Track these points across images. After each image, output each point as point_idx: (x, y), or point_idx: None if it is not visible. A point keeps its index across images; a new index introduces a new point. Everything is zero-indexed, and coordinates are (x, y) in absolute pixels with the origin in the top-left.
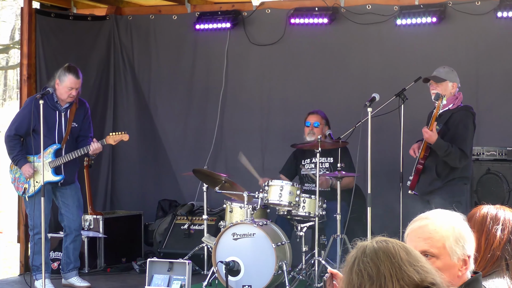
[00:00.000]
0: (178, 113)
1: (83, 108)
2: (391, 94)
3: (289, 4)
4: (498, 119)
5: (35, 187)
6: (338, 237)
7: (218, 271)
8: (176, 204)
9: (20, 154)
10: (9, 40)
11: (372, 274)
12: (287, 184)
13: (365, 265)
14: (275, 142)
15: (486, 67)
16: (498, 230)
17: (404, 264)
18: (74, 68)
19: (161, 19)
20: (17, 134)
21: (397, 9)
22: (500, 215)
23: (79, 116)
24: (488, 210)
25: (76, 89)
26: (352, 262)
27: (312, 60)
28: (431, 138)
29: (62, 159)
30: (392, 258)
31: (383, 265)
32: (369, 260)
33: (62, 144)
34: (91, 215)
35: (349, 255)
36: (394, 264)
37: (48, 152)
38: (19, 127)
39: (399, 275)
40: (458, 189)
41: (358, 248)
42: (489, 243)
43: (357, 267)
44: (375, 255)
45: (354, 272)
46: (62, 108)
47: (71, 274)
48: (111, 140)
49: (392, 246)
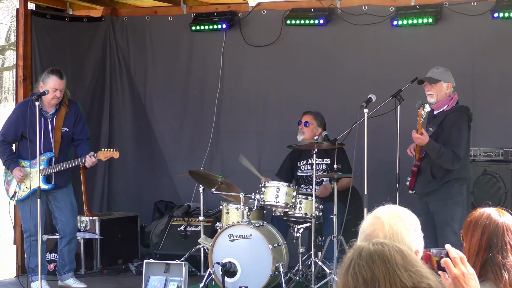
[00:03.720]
0: (174, 114)
1: (73, 110)
2: (388, 95)
3: (285, 5)
4: (494, 119)
5: (24, 192)
6: (334, 238)
7: (214, 272)
8: (172, 206)
9: (10, 158)
10: (5, 41)
11: (367, 278)
12: (284, 185)
13: (360, 269)
14: (271, 143)
15: (482, 68)
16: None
17: (398, 268)
18: (58, 70)
19: (157, 20)
20: (4, 140)
21: (393, 10)
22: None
23: (69, 120)
24: (481, 214)
25: (60, 90)
26: (348, 264)
27: (308, 61)
28: (423, 142)
29: (54, 168)
30: (387, 263)
31: (378, 269)
32: (364, 263)
33: (55, 153)
34: (87, 217)
35: (346, 256)
36: (389, 269)
37: (41, 159)
38: (6, 134)
39: (392, 280)
40: (455, 190)
41: (354, 249)
42: (487, 245)
43: (352, 269)
44: (370, 259)
45: (350, 274)
46: (48, 115)
47: (67, 276)
48: (101, 156)
49: (388, 250)
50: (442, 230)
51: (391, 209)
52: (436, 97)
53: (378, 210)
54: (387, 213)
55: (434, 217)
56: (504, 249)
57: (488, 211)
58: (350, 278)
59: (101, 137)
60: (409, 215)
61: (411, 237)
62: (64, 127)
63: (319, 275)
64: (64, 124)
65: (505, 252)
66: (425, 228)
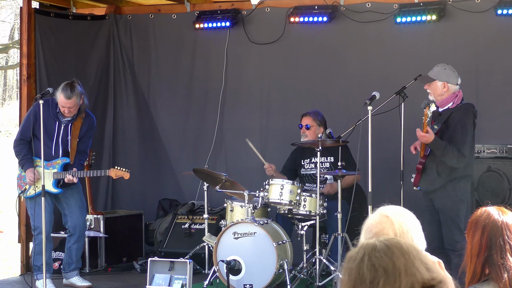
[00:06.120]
0: (178, 112)
1: (87, 124)
2: (391, 92)
3: (288, 3)
4: (498, 116)
5: (35, 190)
6: (339, 236)
7: (219, 270)
8: (176, 204)
9: (25, 158)
10: (9, 39)
11: (388, 268)
12: (288, 182)
13: (379, 260)
14: (275, 141)
15: (486, 65)
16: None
17: (416, 261)
18: (70, 87)
19: (160, 18)
20: (22, 139)
21: (396, 7)
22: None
23: (81, 132)
24: (482, 213)
25: (68, 108)
26: (360, 258)
27: (312, 59)
28: (428, 140)
29: (67, 174)
30: (405, 255)
31: (398, 260)
32: (383, 255)
33: (71, 159)
34: (92, 215)
35: (352, 253)
36: (408, 261)
37: (56, 163)
38: (24, 131)
39: (411, 271)
40: (461, 187)
41: (363, 246)
42: (475, 247)
43: (368, 262)
44: (388, 251)
45: (366, 267)
46: (64, 120)
47: (72, 274)
48: (113, 173)
49: (404, 243)
50: (447, 228)
51: (397, 209)
52: (433, 95)
53: (385, 209)
54: (395, 212)
55: (439, 214)
56: (503, 249)
57: (489, 210)
58: (367, 271)
59: (105, 136)
60: (414, 217)
61: (417, 238)
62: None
63: (324, 272)
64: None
65: (503, 251)
66: (430, 225)
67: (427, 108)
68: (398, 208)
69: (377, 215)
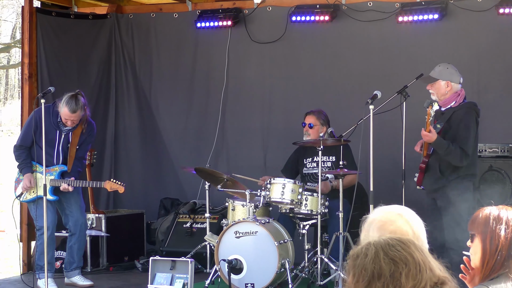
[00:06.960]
0: (179, 111)
1: (88, 131)
2: (393, 92)
3: (290, 2)
4: (500, 115)
5: (30, 196)
6: (340, 235)
7: (220, 269)
8: (178, 203)
9: (24, 163)
10: (10, 39)
11: (408, 261)
12: (289, 182)
13: (398, 253)
14: (276, 140)
15: (488, 64)
16: (502, 229)
17: (429, 257)
18: (74, 100)
19: (162, 18)
20: (22, 145)
21: (398, 6)
22: (502, 215)
23: (80, 139)
24: (490, 211)
25: (71, 120)
26: (373, 254)
27: (313, 58)
28: (431, 139)
29: (63, 182)
30: (420, 250)
31: (416, 255)
32: (400, 249)
33: (68, 167)
34: (93, 214)
35: (359, 250)
36: (423, 256)
37: (54, 170)
38: (24, 138)
39: (430, 266)
40: (464, 186)
41: (372, 243)
42: (494, 244)
43: (385, 256)
44: (405, 245)
45: (383, 261)
46: (64, 129)
47: (73, 273)
48: (108, 185)
49: (412, 240)
50: (450, 227)
51: (407, 209)
52: (437, 95)
53: (395, 208)
54: (406, 212)
55: (442, 213)
56: (502, 244)
57: (489, 210)
58: (385, 265)
59: (107, 135)
60: (419, 217)
61: (425, 238)
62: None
63: (325, 271)
64: (78, 142)
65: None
66: (433, 224)
67: (430, 107)
68: (405, 208)
69: (387, 214)
